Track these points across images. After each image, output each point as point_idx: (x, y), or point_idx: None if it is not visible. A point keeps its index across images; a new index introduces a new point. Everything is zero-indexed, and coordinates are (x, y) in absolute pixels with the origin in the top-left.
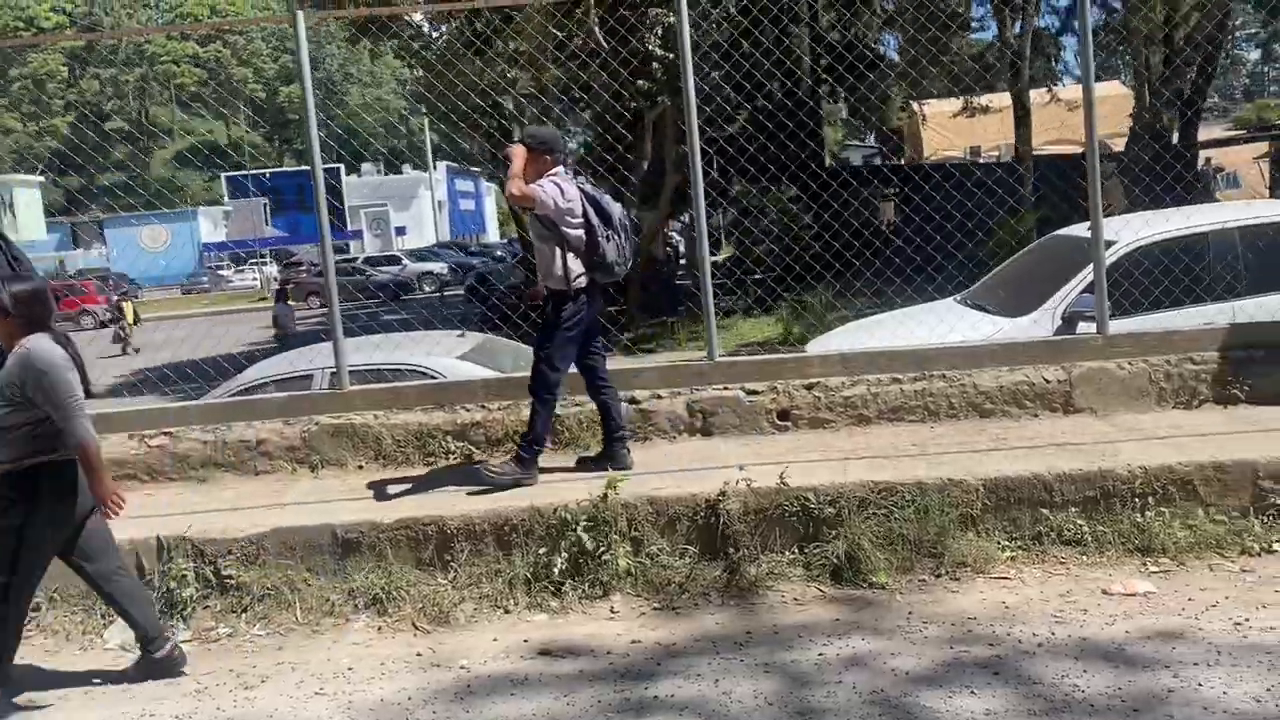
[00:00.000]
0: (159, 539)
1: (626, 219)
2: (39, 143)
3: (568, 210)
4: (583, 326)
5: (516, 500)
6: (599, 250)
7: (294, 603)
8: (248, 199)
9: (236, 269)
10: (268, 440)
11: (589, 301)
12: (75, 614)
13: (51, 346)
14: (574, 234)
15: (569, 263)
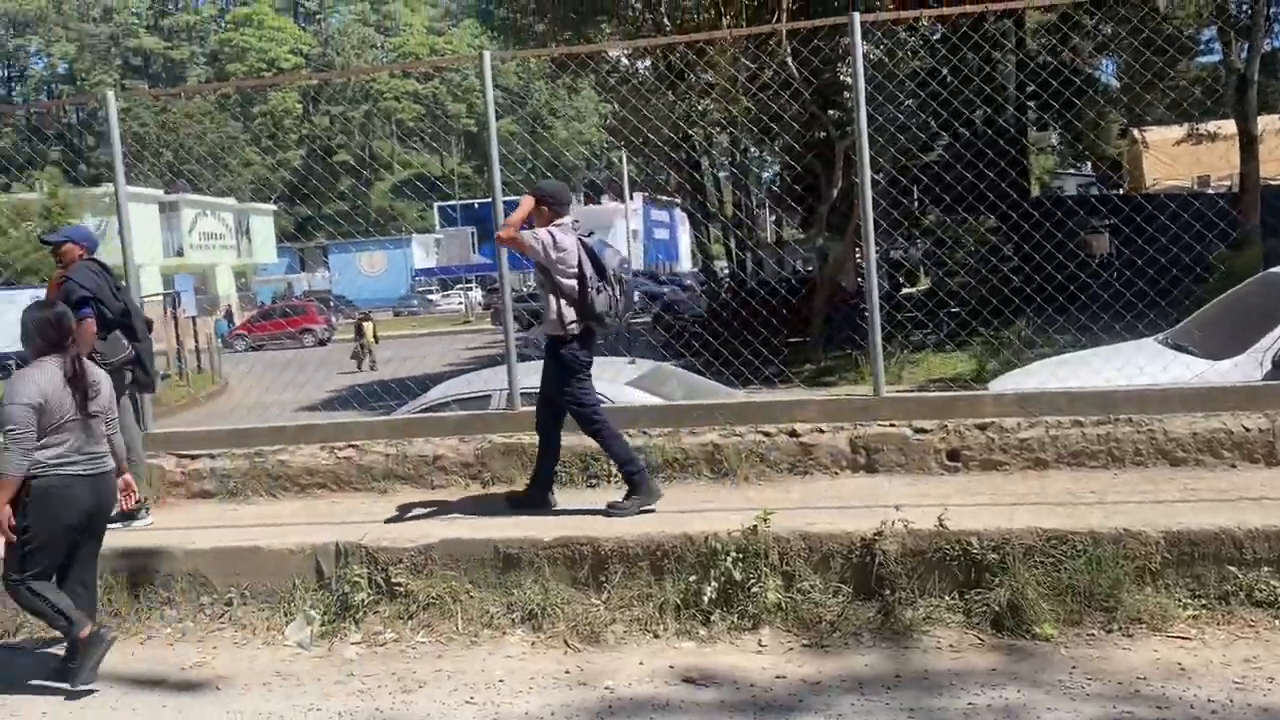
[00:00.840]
0: (337, 545)
1: (625, 271)
2: (274, 174)
3: (559, 259)
4: (585, 360)
5: (669, 526)
6: (589, 300)
7: (456, 613)
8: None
9: (444, 293)
10: (444, 456)
11: (584, 341)
12: (262, 610)
13: (34, 375)
14: (567, 283)
15: (562, 310)
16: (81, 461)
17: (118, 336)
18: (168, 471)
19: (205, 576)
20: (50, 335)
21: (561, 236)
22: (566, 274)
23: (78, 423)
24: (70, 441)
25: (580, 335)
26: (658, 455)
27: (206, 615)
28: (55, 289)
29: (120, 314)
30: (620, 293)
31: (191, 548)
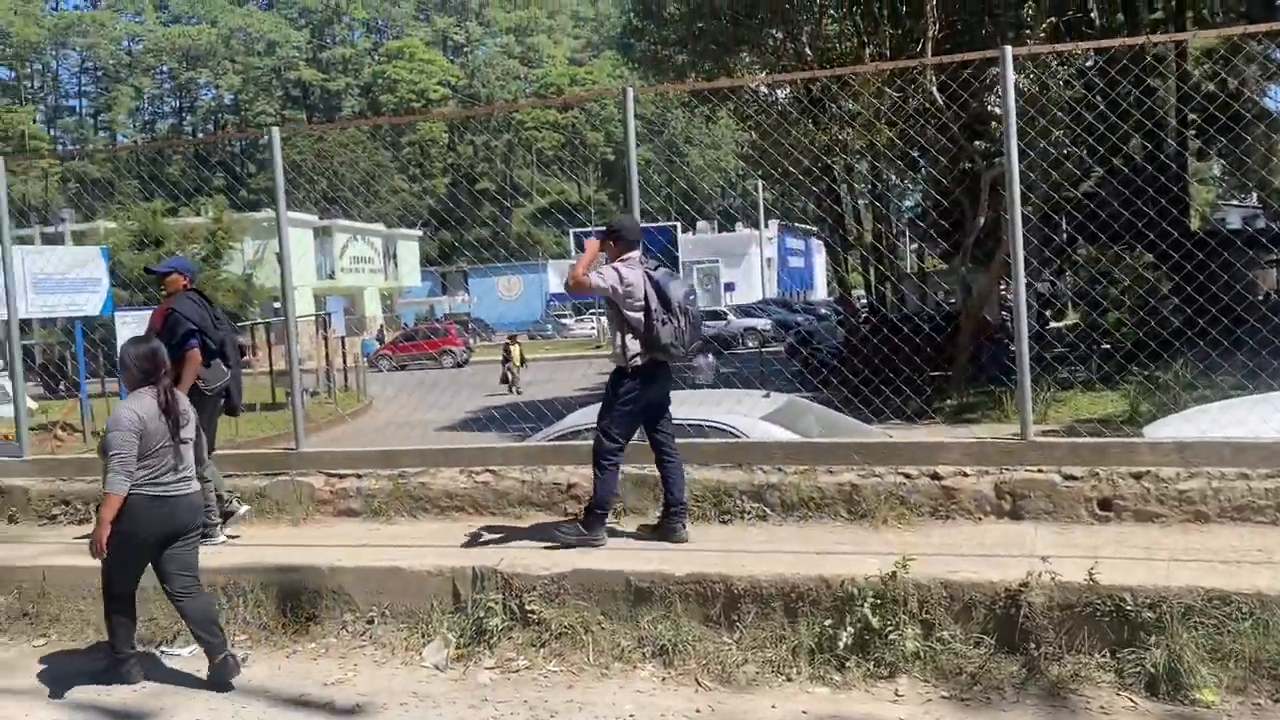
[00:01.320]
0: (474, 569)
1: (691, 302)
2: (420, 201)
3: (627, 294)
4: (641, 403)
5: (804, 567)
6: (654, 332)
7: (587, 643)
8: None
9: (577, 318)
10: (578, 485)
11: (647, 379)
12: (401, 630)
13: (135, 406)
14: (633, 316)
15: (627, 342)
16: (173, 482)
17: (218, 364)
18: (317, 490)
19: (349, 595)
20: (145, 368)
21: (627, 271)
22: (633, 307)
23: (170, 449)
24: (161, 465)
25: (643, 369)
26: (793, 493)
27: (349, 632)
28: (161, 319)
29: (219, 344)
30: (686, 323)
31: (337, 565)
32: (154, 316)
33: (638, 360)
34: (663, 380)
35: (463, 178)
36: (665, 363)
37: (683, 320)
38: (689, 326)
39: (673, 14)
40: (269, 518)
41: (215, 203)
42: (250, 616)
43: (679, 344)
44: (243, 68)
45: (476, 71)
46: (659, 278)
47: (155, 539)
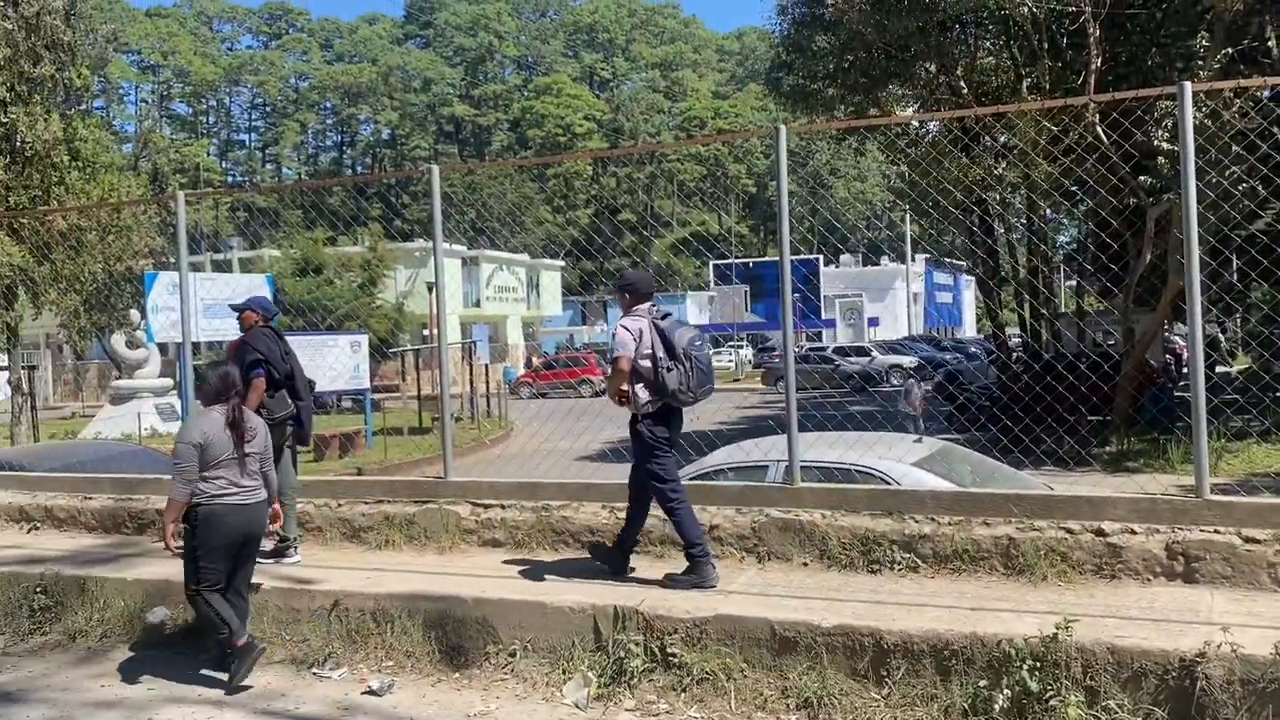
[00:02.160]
0: (616, 609)
1: (697, 349)
2: (563, 231)
3: (637, 344)
4: (668, 440)
5: (958, 624)
6: (661, 379)
7: (729, 691)
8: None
9: (715, 350)
10: (720, 526)
11: (661, 422)
12: (543, 665)
13: (200, 421)
14: (643, 365)
15: (638, 391)
16: (237, 493)
17: (283, 395)
18: (463, 519)
19: (493, 626)
20: (217, 387)
21: (633, 323)
22: (642, 356)
23: (235, 460)
24: (227, 476)
25: (656, 413)
26: (946, 545)
27: (492, 664)
28: (235, 349)
29: (286, 375)
30: (692, 368)
31: (481, 597)
32: (230, 346)
33: (649, 407)
34: (675, 424)
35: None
36: (677, 408)
37: (688, 365)
38: (695, 371)
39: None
40: (416, 544)
41: (371, 232)
42: (396, 643)
43: (685, 389)
44: (400, 104)
45: (621, 106)
46: (665, 327)
47: (230, 543)
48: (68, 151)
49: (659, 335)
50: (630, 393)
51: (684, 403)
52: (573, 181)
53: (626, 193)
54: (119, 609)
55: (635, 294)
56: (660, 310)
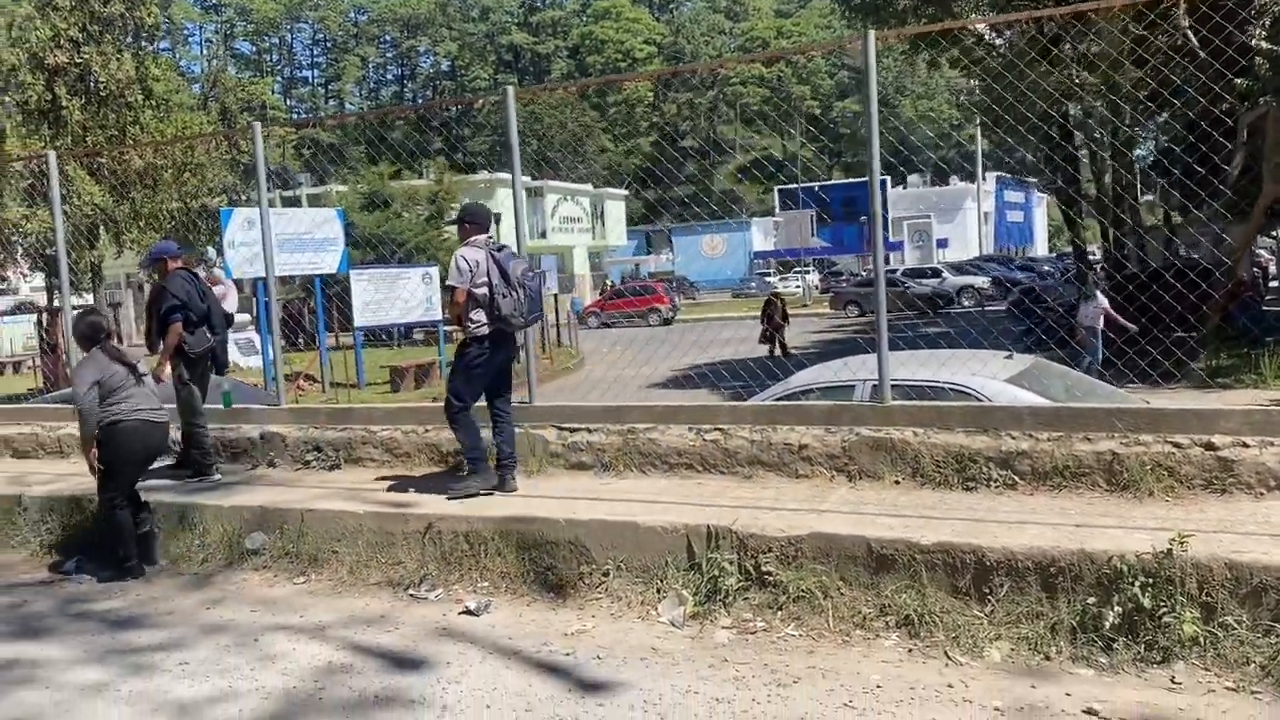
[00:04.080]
0: (709, 528)
1: (530, 278)
2: (626, 160)
3: (473, 273)
4: (490, 367)
5: (1064, 540)
6: (495, 305)
7: (827, 609)
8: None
9: (781, 276)
10: (809, 446)
11: (494, 347)
12: (636, 585)
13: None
14: (479, 292)
15: (473, 315)
16: (149, 411)
17: (203, 332)
18: (550, 443)
19: (585, 547)
20: (89, 334)
21: (471, 253)
22: (478, 284)
23: (135, 384)
24: (136, 397)
25: (490, 336)
26: (1045, 461)
27: (585, 584)
28: (155, 296)
29: (202, 315)
30: (525, 296)
31: (573, 518)
32: (151, 294)
33: (484, 330)
34: (506, 348)
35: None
36: (509, 332)
37: (521, 294)
38: (527, 299)
39: None
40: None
41: (437, 165)
42: (490, 565)
43: (518, 314)
44: (458, 34)
45: (682, 28)
46: (501, 257)
47: (140, 457)
48: (141, 90)
49: (495, 265)
50: (465, 317)
51: (515, 327)
52: (634, 109)
53: (688, 119)
54: (218, 535)
55: (475, 224)
56: (496, 242)
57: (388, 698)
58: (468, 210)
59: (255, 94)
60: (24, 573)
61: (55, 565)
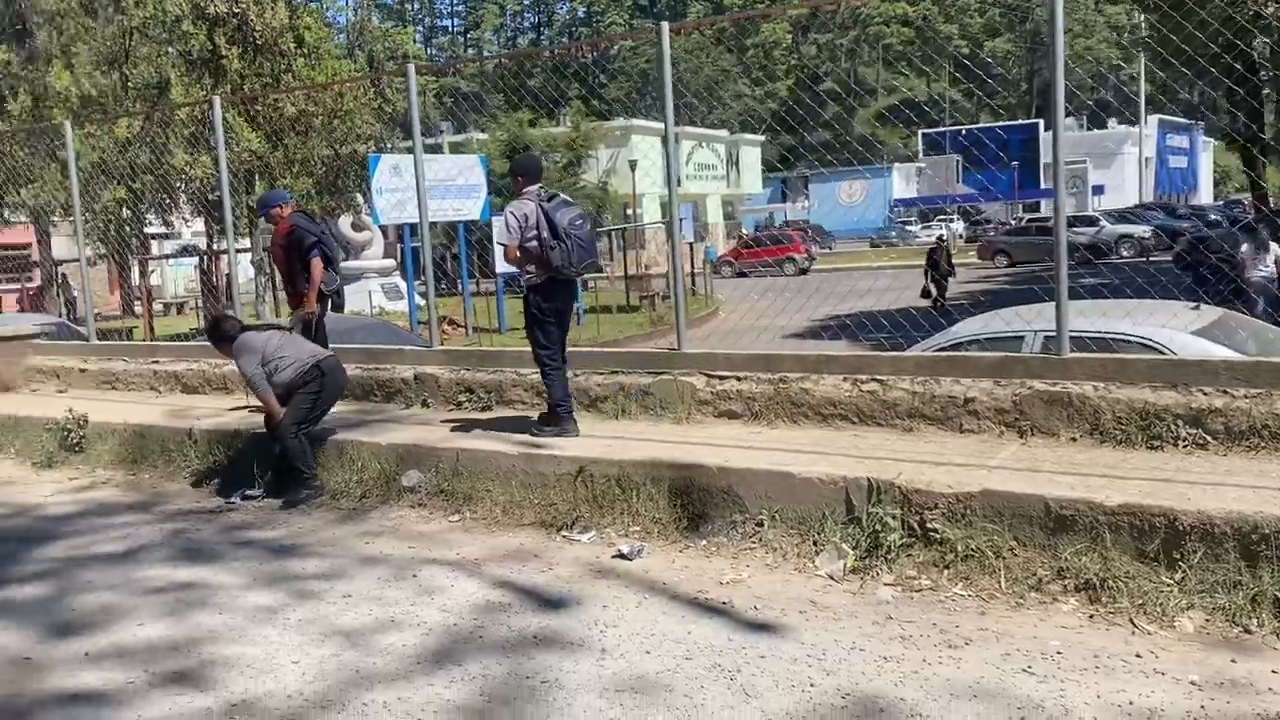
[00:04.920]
0: (870, 480)
1: (577, 227)
2: (762, 105)
3: (523, 227)
4: (551, 314)
5: (1268, 505)
6: (545, 256)
7: (998, 569)
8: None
9: (923, 224)
10: (976, 399)
11: (548, 295)
12: (792, 536)
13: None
14: (530, 244)
15: (527, 267)
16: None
17: (331, 271)
18: (698, 390)
19: (738, 495)
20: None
21: (519, 208)
22: (528, 238)
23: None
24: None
25: (543, 286)
26: (1241, 420)
27: (738, 533)
28: (288, 234)
29: (331, 255)
30: (572, 246)
31: (726, 466)
32: (279, 232)
33: (536, 280)
34: (563, 296)
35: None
36: (563, 280)
37: (569, 243)
38: (575, 249)
39: None
40: (651, 414)
41: (574, 111)
42: (641, 509)
43: (567, 264)
44: None
45: None
46: (550, 208)
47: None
48: (293, 39)
49: (544, 216)
50: (522, 270)
51: (568, 276)
52: (771, 52)
53: (828, 60)
54: (375, 471)
55: (526, 176)
56: (547, 192)
57: (546, 638)
58: (518, 163)
59: (399, 43)
60: (192, 501)
61: (221, 493)
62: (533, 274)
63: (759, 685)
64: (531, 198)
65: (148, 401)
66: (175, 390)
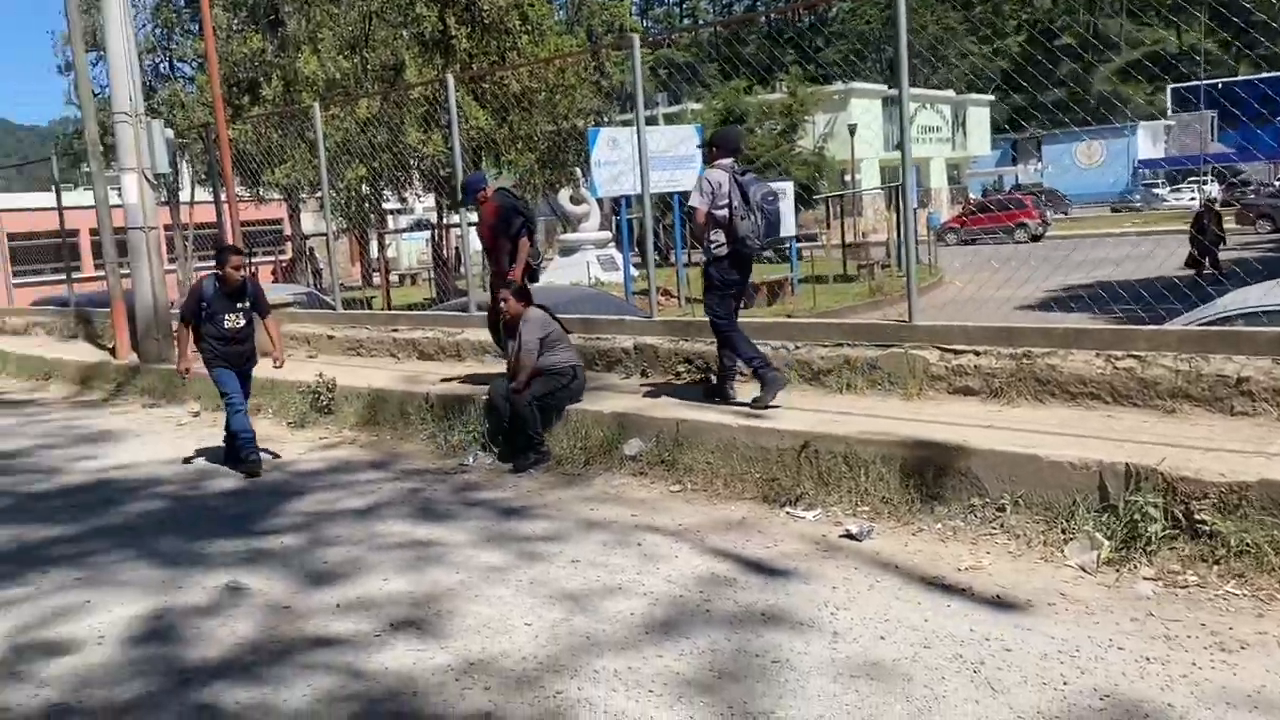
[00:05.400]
0: (1128, 466)
1: (769, 202)
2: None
3: (716, 195)
4: (733, 282)
5: None
6: (733, 227)
7: (1278, 568)
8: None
9: (1172, 188)
10: (1251, 379)
11: (731, 267)
12: (1037, 523)
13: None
14: (719, 213)
15: (712, 235)
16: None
17: (535, 248)
18: (931, 364)
19: (977, 477)
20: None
21: (715, 175)
22: (719, 206)
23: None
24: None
25: (728, 257)
26: None
27: (976, 517)
28: (496, 215)
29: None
30: (761, 219)
31: (964, 445)
32: (489, 213)
33: (723, 250)
34: (744, 268)
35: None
36: (745, 254)
37: (758, 216)
38: (764, 222)
39: None
40: (879, 389)
41: (790, 77)
42: (870, 488)
43: (755, 236)
44: None
45: None
46: (744, 181)
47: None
48: (518, 16)
49: (737, 188)
50: (705, 238)
51: (752, 249)
52: (1001, 6)
53: (1065, 13)
54: (598, 439)
55: (722, 148)
56: (741, 166)
57: (774, 616)
58: (716, 135)
59: (616, 15)
60: (426, 461)
61: (454, 455)
62: (717, 244)
63: (1005, 680)
64: (725, 169)
65: (387, 367)
66: (412, 357)
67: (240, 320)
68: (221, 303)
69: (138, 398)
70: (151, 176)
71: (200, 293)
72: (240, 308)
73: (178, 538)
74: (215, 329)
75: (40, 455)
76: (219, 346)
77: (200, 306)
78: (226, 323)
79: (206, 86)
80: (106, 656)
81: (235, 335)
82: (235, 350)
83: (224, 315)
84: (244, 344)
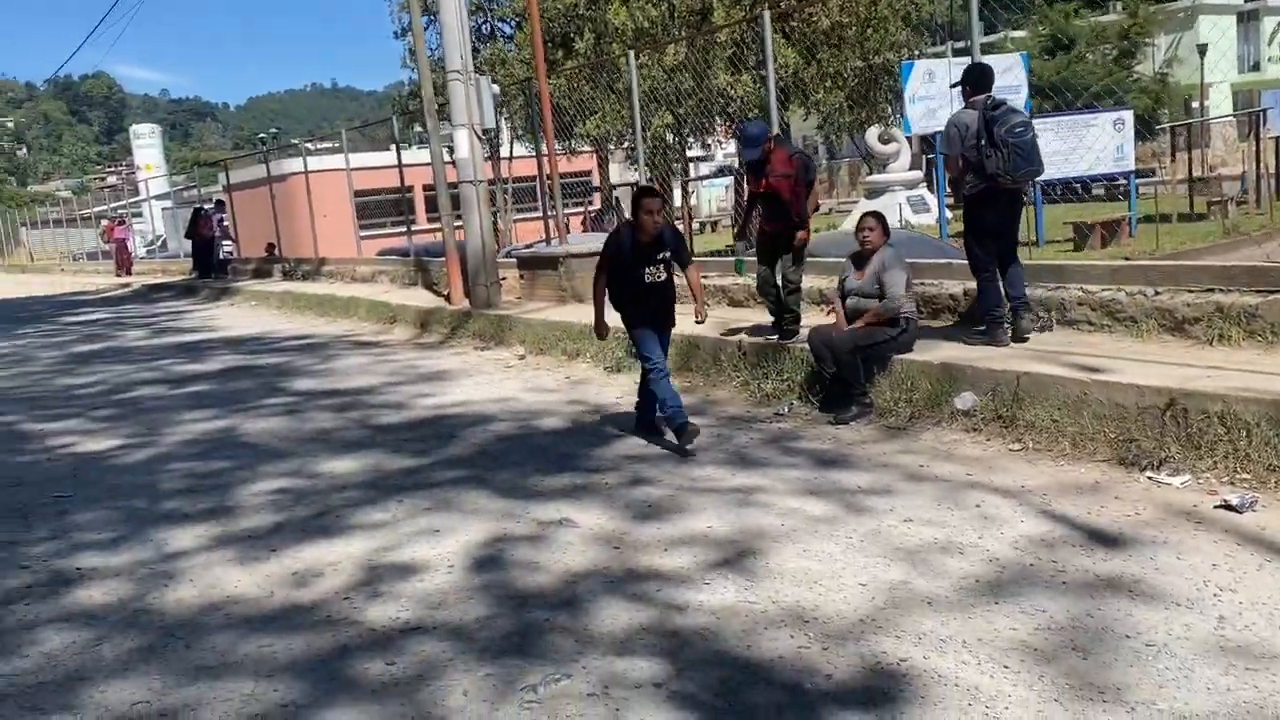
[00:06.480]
0: None
1: (1017, 134)
2: None
3: (964, 136)
4: (989, 223)
5: None
6: (981, 164)
7: None
8: None
9: None
10: None
11: (983, 204)
12: None
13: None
14: (969, 153)
15: (968, 176)
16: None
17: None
18: None
19: None
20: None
21: (962, 118)
22: (967, 146)
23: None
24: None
25: (981, 196)
26: None
27: None
28: (787, 163)
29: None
30: (1009, 154)
31: None
32: (775, 164)
33: (973, 189)
34: (1001, 204)
35: None
36: (1001, 190)
37: (1006, 151)
38: (1013, 156)
39: None
40: (1259, 342)
41: None
42: (1254, 454)
43: (1005, 172)
44: None
45: None
46: (991, 117)
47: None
48: None
49: (984, 124)
50: (961, 180)
51: (1003, 185)
52: None
53: None
54: (924, 391)
55: (975, 86)
56: (993, 101)
57: (1143, 593)
58: (967, 73)
59: None
60: (740, 408)
61: (766, 404)
62: (972, 182)
63: None
64: (977, 106)
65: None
66: (723, 303)
67: (661, 274)
68: (639, 253)
69: (470, 340)
70: (479, 131)
71: (616, 244)
72: (660, 258)
73: (511, 472)
74: (634, 285)
75: (387, 392)
76: (637, 303)
77: (617, 258)
78: (647, 277)
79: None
80: (453, 582)
81: (655, 289)
82: (655, 307)
83: (643, 269)
84: (665, 299)
